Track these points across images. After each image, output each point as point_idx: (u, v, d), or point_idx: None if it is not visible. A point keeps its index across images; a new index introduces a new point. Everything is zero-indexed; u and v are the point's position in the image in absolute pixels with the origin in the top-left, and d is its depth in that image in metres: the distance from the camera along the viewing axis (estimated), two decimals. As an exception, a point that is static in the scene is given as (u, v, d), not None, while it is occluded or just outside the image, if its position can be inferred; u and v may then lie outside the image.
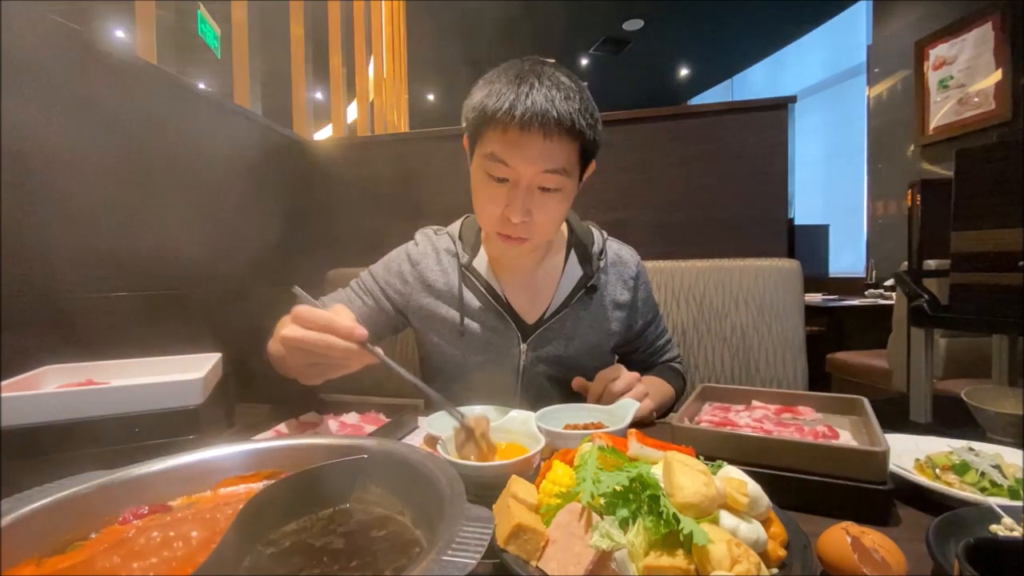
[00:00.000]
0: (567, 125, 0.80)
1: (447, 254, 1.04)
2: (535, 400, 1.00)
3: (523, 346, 1.00)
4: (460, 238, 1.06)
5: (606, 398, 0.86)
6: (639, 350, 1.12)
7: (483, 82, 0.86)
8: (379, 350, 0.67)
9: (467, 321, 1.00)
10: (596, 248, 1.04)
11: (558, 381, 1.01)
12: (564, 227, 1.08)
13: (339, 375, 0.70)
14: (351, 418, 0.82)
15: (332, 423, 0.80)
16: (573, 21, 5.65)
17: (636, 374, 0.90)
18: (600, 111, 1.68)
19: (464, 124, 0.91)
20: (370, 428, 0.78)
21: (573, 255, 1.04)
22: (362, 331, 0.65)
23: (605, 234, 1.10)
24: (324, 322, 0.64)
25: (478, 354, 1.00)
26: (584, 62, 6.99)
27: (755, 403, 0.78)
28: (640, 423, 0.83)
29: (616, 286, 1.05)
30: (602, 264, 1.04)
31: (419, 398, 1.15)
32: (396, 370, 0.67)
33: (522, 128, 0.79)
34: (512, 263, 1.02)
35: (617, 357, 1.16)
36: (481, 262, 1.02)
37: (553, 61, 0.89)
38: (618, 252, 1.08)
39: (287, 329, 0.65)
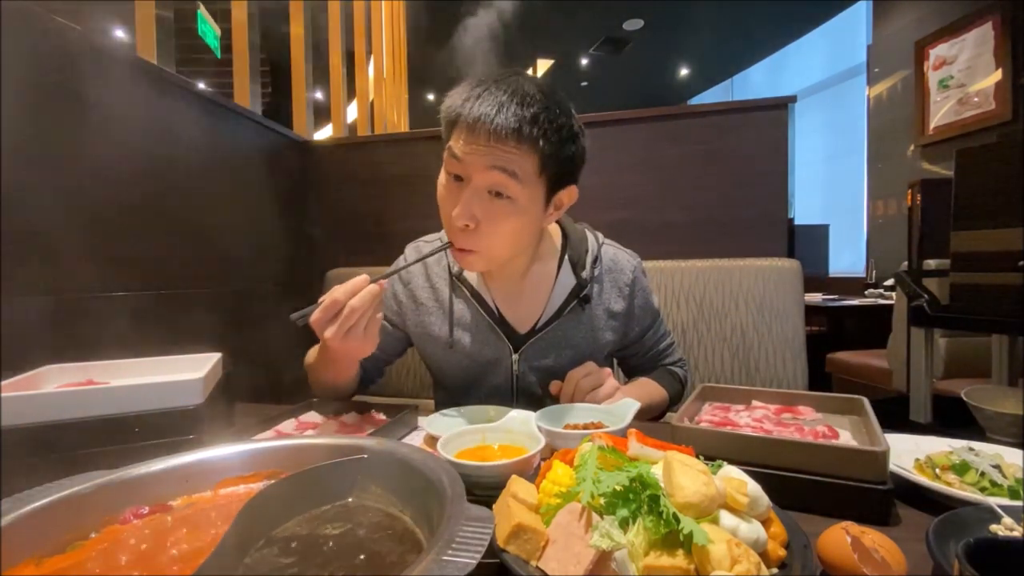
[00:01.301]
0: (512, 128, 0.77)
1: (436, 266, 1.04)
2: (529, 407, 0.99)
3: (515, 356, 0.98)
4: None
5: (577, 396, 0.85)
6: (637, 355, 1.10)
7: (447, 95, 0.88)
8: (384, 276, 0.76)
9: (458, 334, 1.00)
10: (591, 255, 1.01)
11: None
12: (558, 232, 1.05)
13: (376, 327, 0.77)
14: (351, 418, 0.82)
15: (332, 423, 0.80)
16: (573, 21, 5.65)
17: (607, 370, 0.89)
18: (600, 111, 1.67)
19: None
20: (370, 428, 0.78)
21: (566, 263, 1.01)
22: (362, 277, 0.74)
23: (601, 238, 1.07)
24: (336, 303, 0.72)
25: (471, 365, 1.01)
26: (584, 62, 6.98)
27: (755, 403, 0.78)
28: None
29: (610, 294, 1.02)
30: (596, 272, 1.01)
31: (419, 399, 1.16)
32: (400, 268, 0.90)
33: (470, 127, 0.79)
34: (500, 269, 0.99)
35: (616, 362, 1.16)
36: (472, 272, 1.01)
37: (529, 73, 0.88)
38: (614, 258, 1.04)
39: (329, 332, 0.72)
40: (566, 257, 1.02)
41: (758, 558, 0.36)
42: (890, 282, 3.44)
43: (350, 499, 0.47)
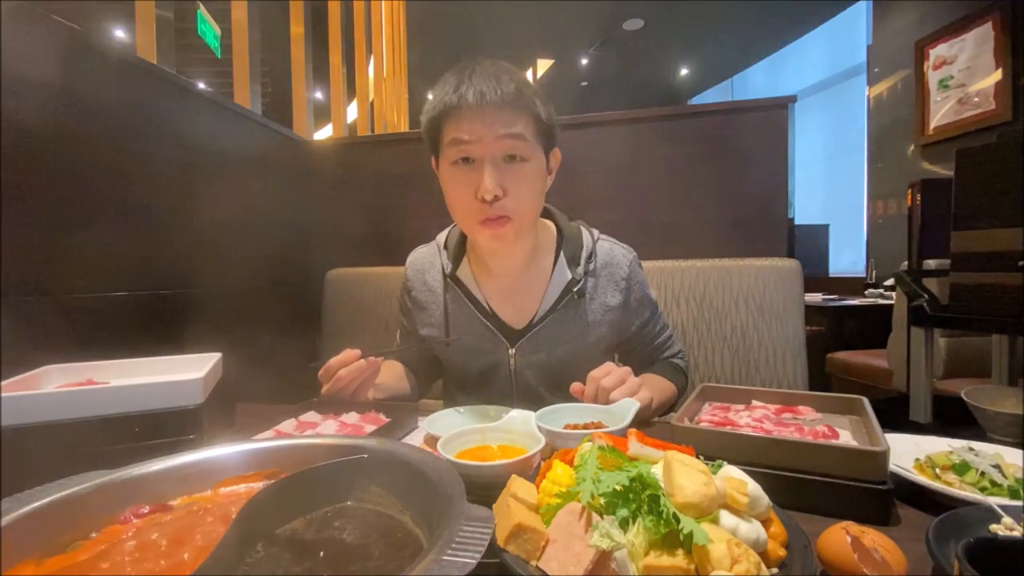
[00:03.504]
0: (511, 94, 0.85)
1: (432, 269, 1.09)
2: (530, 403, 1.00)
3: (512, 351, 1.00)
4: (446, 247, 1.08)
5: (600, 397, 0.84)
6: (638, 348, 1.10)
7: (430, 93, 0.94)
8: (376, 353, 0.91)
9: (454, 332, 1.04)
10: (586, 251, 1.02)
11: (550, 385, 1.01)
12: (552, 229, 1.07)
13: (372, 382, 0.93)
14: (351, 418, 0.82)
15: (332, 423, 0.80)
16: (573, 21, 5.65)
17: (627, 368, 0.86)
18: (600, 111, 1.68)
19: (426, 142, 0.96)
20: (370, 428, 0.78)
21: (561, 258, 1.02)
22: (354, 352, 0.88)
23: (596, 234, 1.08)
24: (330, 368, 0.87)
25: (469, 363, 1.04)
26: (584, 62, 6.98)
27: (755, 403, 0.78)
28: (641, 418, 0.82)
29: (607, 289, 1.03)
30: (592, 267, 1.02)
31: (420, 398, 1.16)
32: (393, 351, 1.05)
33: (472, 105, 0.85)
34: (499, 266, 1.02)
35: (617, 357, 1.16)
36: (465, 271, 1.05)
37: (528, 73, 0.94)
38: (610, 252, 1.05)
39: (325, 389, 0.89)
40: (561, 253, 1.03)
41: (758, 558, 0.36)
42: (890, 282, 3.44)
43: (350, 499, 0.47)
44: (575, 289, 0.99)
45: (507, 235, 0.91)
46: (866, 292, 3.63)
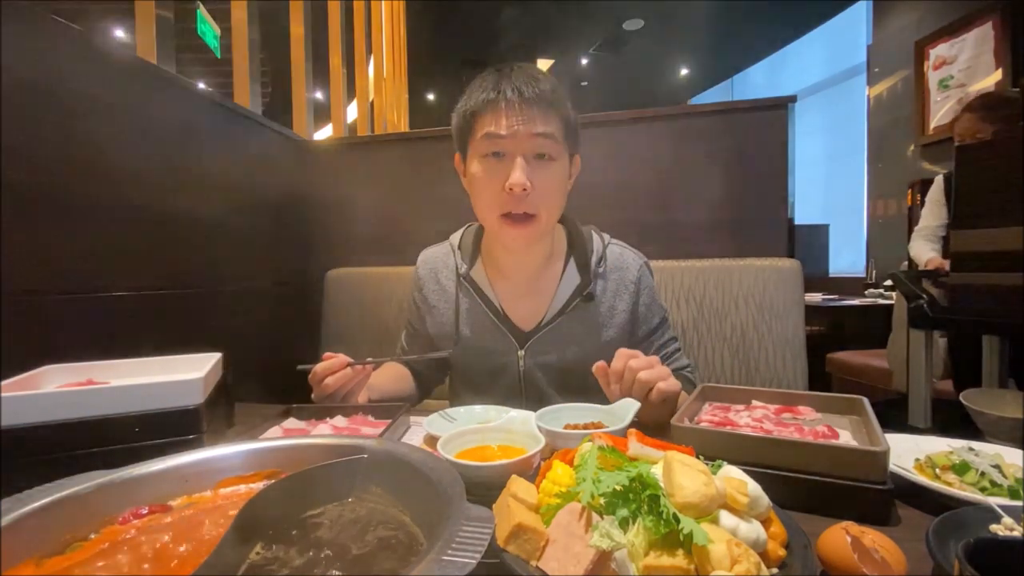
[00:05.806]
0: (547, 94, 0.90)
1: (445, 268, 1.10)
2: (538, 404, 1.00)
3: (521, 352, 1.01)
4: (460, 247, 1.09)
5: (627, 376, 0.78)
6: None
7: (464, 93, 0.97)
8: (366, 360, 0.92)
9: (465, 331, 1.05)
10: (596, 255, 1.04)
11: (558, 387, 1.01)
12: (563, 234, 1.08)
13: (363, 387, 0.94)
14: (339, 422, 0.80)
15: (325, 427, 0.78)
16: (573, 21, 5.66)
17: (655, 357, 0.82)
18: (600, 111, 1.69)
19: (455, 138, 0.98)
20: (366, 430, 0.77)
21: (572, 262, 1.04)
22: (341, 359, 0.89)
23: (607, 238, 1.09)
24: (316, 376, 0.88)
25: (479, 363, 1.05)
26: (584, 62, 6.99)
27: (755, 403, 0.78)
28: (659, 417, 0.78)
29: (616, 292, 1.03)
30: (601, 270, 1.03)
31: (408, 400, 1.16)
32: (382, 361, 0.99)
33: (508, 102, 0.89)
34: (513, 268, 1.03)
35: None
36: (479, 272, 1.06)
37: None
38: (620, 256, 1.06)
39: (314, 394, 0.90)
40: (571, 257, 1.05)
41: (758, 558, 0.36)
42: (890, 282, 3.43)
43: (350, 499, 0.47)
44: (584, 292, 1.00)
45: (530, 235, 0.94)
46: (866, 292, 3.63)
